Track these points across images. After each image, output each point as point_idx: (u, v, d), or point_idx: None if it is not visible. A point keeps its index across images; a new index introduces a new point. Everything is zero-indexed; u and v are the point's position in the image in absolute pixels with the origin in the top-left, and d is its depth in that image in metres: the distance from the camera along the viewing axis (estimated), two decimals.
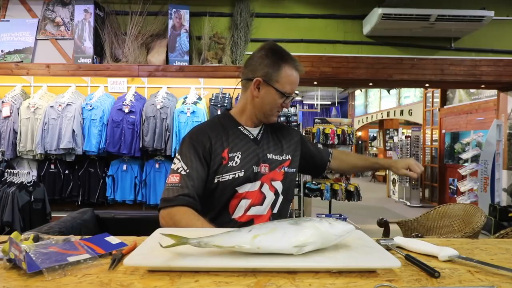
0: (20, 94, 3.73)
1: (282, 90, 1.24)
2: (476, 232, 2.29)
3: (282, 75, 1.23)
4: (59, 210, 3.54)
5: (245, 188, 1.23)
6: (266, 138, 1.34)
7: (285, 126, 1.53)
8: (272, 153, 1.31)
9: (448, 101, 7.65)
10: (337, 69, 4.16)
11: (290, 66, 1.24)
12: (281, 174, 1.29)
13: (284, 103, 1.28)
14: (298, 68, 1.27)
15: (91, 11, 3.82)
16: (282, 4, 4.20)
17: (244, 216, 1.23)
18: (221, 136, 1.26)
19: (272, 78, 1.24)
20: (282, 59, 1.25)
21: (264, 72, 1.24)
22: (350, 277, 0.73)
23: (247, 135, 1.30)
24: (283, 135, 1.40)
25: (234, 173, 1.21)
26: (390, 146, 12.62)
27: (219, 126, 1.30)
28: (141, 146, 3.54)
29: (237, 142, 1.27)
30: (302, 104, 14.88)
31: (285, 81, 1.24)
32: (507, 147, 5.16)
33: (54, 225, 1.65)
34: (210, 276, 0.72)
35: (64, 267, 0.75)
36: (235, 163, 1.22)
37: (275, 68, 1.23)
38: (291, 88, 1.26)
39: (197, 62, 3.95)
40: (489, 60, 4.24)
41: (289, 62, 1.25)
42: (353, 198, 4.62)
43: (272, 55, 1.25)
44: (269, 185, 1.26)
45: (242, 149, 1.26)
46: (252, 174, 1.23)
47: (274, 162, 1.29)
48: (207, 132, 1.26)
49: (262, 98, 1.27)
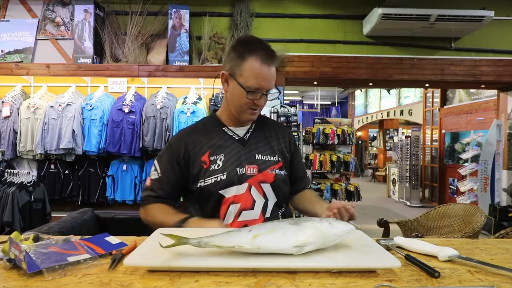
0: (20, 94, 3.72)
1: (245, 85, 1.14)
2: (476, 232, 2.29)
3: (245, 68, 1.13)
4: (59, 210, 3.53)
5: (231, 192, 1.17)
6: (256, 138, 1.27)
7: (282, 126, 1.45)
8: (261, 154, 1.24)
9: (448, 101, 7.64)
10: (337, 69, 4.16)
11: (256, 58, 1.13)
12: (272, 176, 1.21)
13: (257, 100, 1.17)
14: (267, 61, 1.13)
15: (91, 11, 3.81)
16: (282, 4, 4.20)
17: (235, 222, 1.16)
18: (201, 140, 1.23)
19: (236, 71, 1.16)
20: (248, 50, 1.14)
21: (229, 66, 1.18)
22: (350, 277, 0.73)
23: (231, 136, 1.25)
24: (277, 134, 1.32)
25: (216, 177, 1.17)
26: (390, 146, 12.63)
27: (201, 130, 1.27)
28: (141, 146, 3.54)
29: (220, 145, 1.22)
30: (302, 104, 14.89)
31: (249, 74, 1.13)
32: (507, 147, 5.16)
33: (54, 225, 1.65)
34: (210, 276, 0.72)
35: (64, 267, 0.75)
36: (217, 166, 1.18)
37: (239, 60, 1.15)
38: (257, 82, 1.13)
39: (197, 62, 3.94)
40: (489, 60, 4.24)
41: (256, 53, 1.13)
42: (353, 198, 4.63)
43: (240, 47, 1.17)
44: (257, 187, 1.19)
45: (225, 151, 1.21)
46: (236, 177, 1.17)
47: (264, 163, 1.22)
48: (185, 138, 1.24)
49: (231, 93, 1.20)
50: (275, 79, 1.19)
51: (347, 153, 4.99)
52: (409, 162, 7.95)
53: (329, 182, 4.77)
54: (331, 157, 4.74)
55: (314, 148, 4.97)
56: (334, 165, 4.75)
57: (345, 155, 4.83)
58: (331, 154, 4.80)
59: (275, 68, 1.17)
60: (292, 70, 4.12)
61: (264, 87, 1.16)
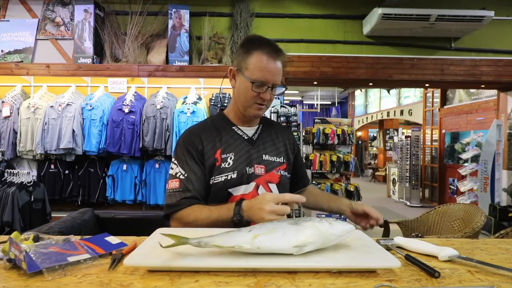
0: (20, 94, 3.73)
1: (252, 78, 1.17)
2: (476, 232, 2.29)
3: (251, 61, 1.18)
4: (59, 210, 3.53)
5: (239, 191, 1.20)
6: (263, 139, 1.31)
7: (285, 128, 1.50)
8: (269, 154, 1.27)
9: (448, 101, 7.65)
10: (337, 69, 4.16)
11: (261, 52, 1.17)
12: (277, 177, 1.26)
13: (263, 94, 1.19)
14: (272, 55, 1.18)
15: (91, 11, 3.81)
16: (282, 4, 4.20)
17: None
18: (214, 137, 1.24)
19: (242, 65, 1.20)
20: (253, 46, 1.20)
21: (237, 61, 1.23)
22: (350, 277, 0.73)
23: (241, 135, 1.28)
24: (283, 136, 1.38)
25: (226, 175, 1.19)
26: (390, 146, 12.63)
27: (212, 127, 1.27)
28: (141, 146, 3.54)
29: (230, 143, 1.24)
30: (302, 104, 14.89)
31: (254, 67, 1.17)
32: (507, 147, 5.16)
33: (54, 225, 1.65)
34: (210, 276, 0.72)
35: (64, 267, 0.75)
36: (227, 164, 1.20)
37: (246, 55, 1.20)
38: (262, 75, 1.17)
39: (197, 62, 3.94)
40: (489, 60, 4.24)
41: (261, 48, 1.18)
42: (353, 198, 4.62)
43: (247, 43, 1.22)
44: (265, 187, 1.23)
45: (235, 150, 1.23)
46: (245, 176, 1.21)
47: (270, 164, 1.26)
48: (198, 134, 1.24)
49: (238, 88, 1.24)
50: (281, 75, 1.21)
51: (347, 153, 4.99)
52: (409, 162, 7.95)
53: (329, 182, 4.77)
54: (331, 157, 4.74)
55: (314, 148, 4.97)
56: (334, 165, 4.75)
57: (345, 155, 4.83)
58: (331, 154, 4.80)
59: (281, 64, 1.20)
60: (292, 70, 4.12)
61: (269, 80, 1.18)
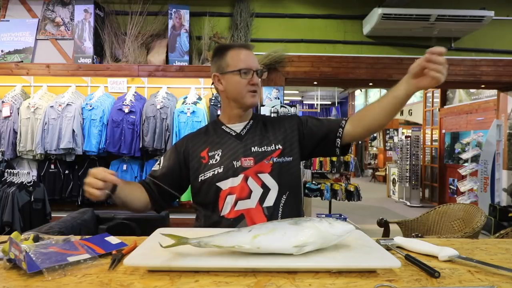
0: (20, 94, 3.72)
1: (237, 68, 1.29)
2: (476, 232, 2.29)
3: (230, 58, 1.31)
4: (59, 210, 3.53)
5: (227, 184, 1.25)
6: (252, 133, 1.36)
7: (282, 116, 1.52)
8: (257, 146, 1.32)
9: (448, 101, 7.65)
10: (337, 69, 4.16)
11: (234, 48, 1.33)
12: (268, 166, 1.28)
13: (252, 79, 1.30)
14: (243, 47, 1.34)
15: (91, 11, 3.81)
16: (282, 4, 4.20)
17: (232, 212, 1.23)
18: (201, 138, 1.37)
19: (223, 66, 1.32)
20: (225, 48, 1.34)
21: (216, 67, 1.35)
22: (350, 277, 0.73)
23: (228, 132, 1.36)
24: (273, 126, 1.38)
25: (213, 170, 1.28)
26: (390, 146, 12.64)
27: (203, 131, 1.41)
28: (141, 146, 3.54)
29: (218, 141, 1.34)
30: (302, 104, 14.88)
31: (234, 61, 1.30)
32: (507, 147, 5.16)
33: (54, 225, 1.65)
34: (210, 276, 0.72)
35: (64, 267, 0.75)
36: (215, 160, 1.30)
37: (222, 57, 1.33)
38: (245, 63, 1.30)
39: (197, 62, 3.94)
40: (489, 60, 4.23)
41: (232, 46, 1.34)
42: (353, 198, 4.62)
43: (218, 51, 1.36)
44: (254, 178, 1.27)
45: (223, 146, 1.32)
46: (232, 169, 1.27)
47: (259, 155, 1.29)
48: (188, 137, 1.40)
49: (227, 85, 1.33)
50: (257, 62, 1.35)
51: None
52: (409, 162, 7.95)
53: (329, 182, 4.77)
54: (331, 157, 4.74)
55: None
56: (334, 165, 4.75)
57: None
58: None
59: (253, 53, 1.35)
60: (292, 70, 4.12)
61: (252, 66, 1.30)
